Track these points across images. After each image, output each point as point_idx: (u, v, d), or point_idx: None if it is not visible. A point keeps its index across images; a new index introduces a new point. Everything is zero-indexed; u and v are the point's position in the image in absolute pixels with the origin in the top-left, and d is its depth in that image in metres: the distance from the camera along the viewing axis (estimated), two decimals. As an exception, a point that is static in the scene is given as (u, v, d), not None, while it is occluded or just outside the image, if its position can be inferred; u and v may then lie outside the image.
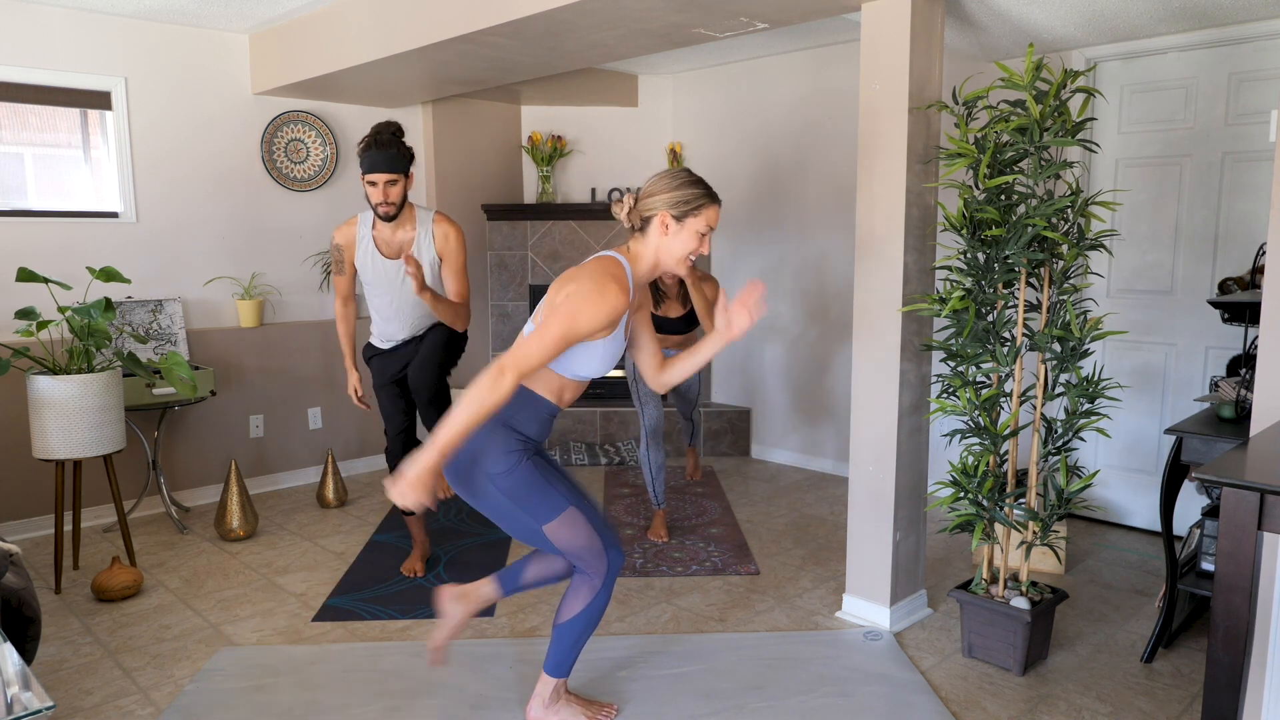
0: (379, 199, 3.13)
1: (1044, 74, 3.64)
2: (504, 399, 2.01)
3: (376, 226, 3.27)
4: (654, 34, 3.47)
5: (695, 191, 2.16)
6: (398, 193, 3.15)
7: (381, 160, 3.09)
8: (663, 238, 2.18)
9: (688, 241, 2.18)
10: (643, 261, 2.22)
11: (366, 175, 3.12)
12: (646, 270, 2.23)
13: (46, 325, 3.34)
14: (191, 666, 2.81)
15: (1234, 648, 1.64)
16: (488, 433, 2.17)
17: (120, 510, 3.58)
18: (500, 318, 5.69)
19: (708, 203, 2.17)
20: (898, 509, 3.01)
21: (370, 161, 3.10)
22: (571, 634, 2.32)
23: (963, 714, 2.51)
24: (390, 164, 3.10)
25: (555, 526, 2.20)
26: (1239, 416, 2.60)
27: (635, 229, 2.21)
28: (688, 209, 2.15)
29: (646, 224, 2.19)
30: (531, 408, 2.21)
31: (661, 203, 2.16)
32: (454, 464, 2.20)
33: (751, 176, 5.30)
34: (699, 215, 2.16)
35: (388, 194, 3.13)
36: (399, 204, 3.17)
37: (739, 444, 5.50)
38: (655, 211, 2.16)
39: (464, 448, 2.17)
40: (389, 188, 3.13)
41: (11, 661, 1.47)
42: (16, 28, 3.97)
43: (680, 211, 2.15)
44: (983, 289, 2.71)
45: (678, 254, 2.19)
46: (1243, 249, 3.62)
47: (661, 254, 2.20)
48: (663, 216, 2.16)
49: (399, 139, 3.16)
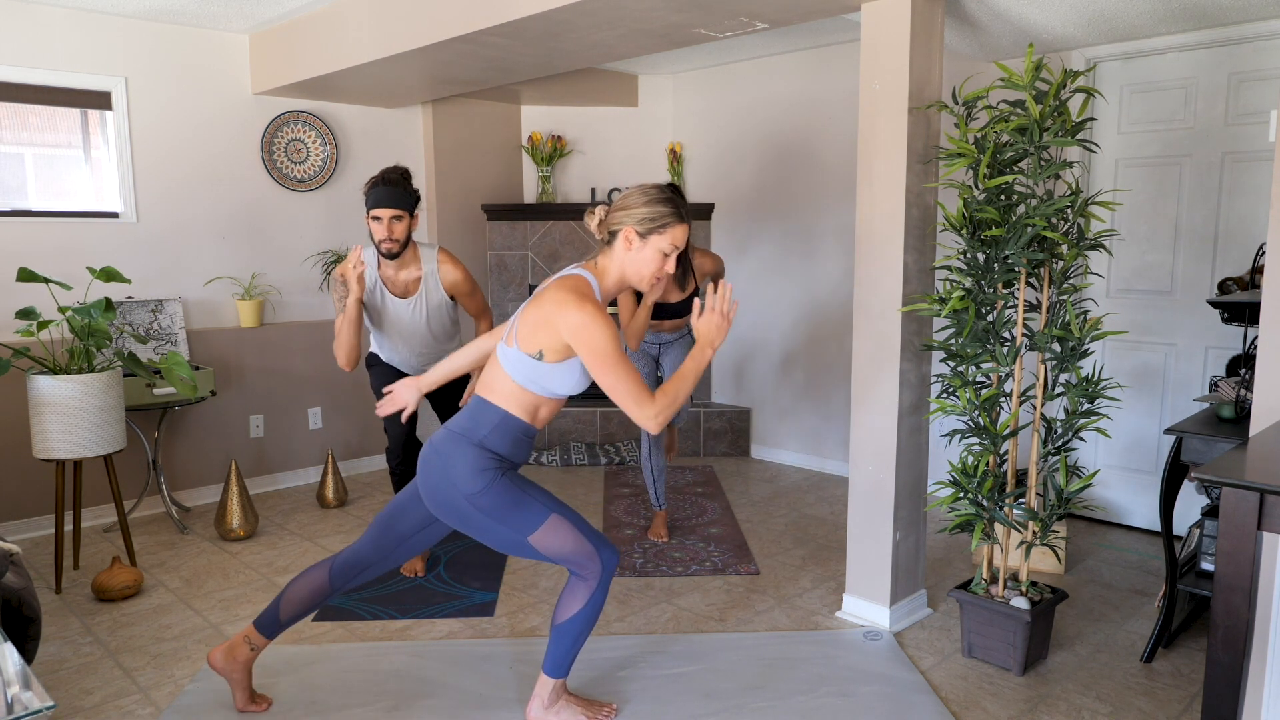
0: (383, 235, 3.13)
1: (1044, 74, 3.64)
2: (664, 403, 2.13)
3: (382, 265, 3.27)
4: (654, 34, 3.47)
5: (663, 210, 2.16)
6: (402, 229, 3.15)
7: (387, 196, 3.11)
8: (627, 253, 2.19)
9: (651, 259, 2.18)
10: (608, 277, 2.23)
11: (372, 210, 3.13)
12: (613, 285, 2.24)
13: (47, 325, 3.35)
14: (191, 666, 2.81)
15: (1234, 648, 1.64)
16: (460, 453, 2.18)
17: (120, 510, 3.58)
18: (500, 318, 5.69)
19: (674, 222, 2.17)
20: (898, 509, 3.01)
21: (376, 197, 3.12)
22: (570, 634, 2.32)
23: (963, 714, 2.51)
24: (396, 200, 3.12)
25: (540, 535, 2.21)
26: (1239, 416, 2.60)
27: (604, 241, 2.23)
28: (653, 226, 2.16)
29: (613, 238, 2.20)
30: (505, 427, 2.21)
31: (629, 217, 2.17)
32: (434, 491, 2.22)
33: (751, 176, 5.30)
34: (663, 234, 2.17)
35: (392, 230, 3.13)
36: (403, 241, 3.17)
37: (739, 444, 5.50)
38: (622, 225, 2.17)
39: (439, 473, 2.20)
40: (394, 223, 3.13)
41: (11, 661, 1.47)
42: (16, 28, 3.97)
43: (645, 228, 2.16)
44: (983, 289, 2.71)
45: (643, 272, 2.20)
46: (1243, 249, 3.63)
47: (626, 269, 2.21)
48: (627, 232, 2.17)
49: (407, 179, 3.19)
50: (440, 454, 2.21)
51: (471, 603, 3.28)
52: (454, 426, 2.23)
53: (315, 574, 2.42)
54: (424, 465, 2.24)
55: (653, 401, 2.12)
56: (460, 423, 2.23)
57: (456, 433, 2.21)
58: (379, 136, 5.21)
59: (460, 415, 2.26)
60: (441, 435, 2.24)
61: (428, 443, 2.27)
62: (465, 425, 2.22)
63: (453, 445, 2.20)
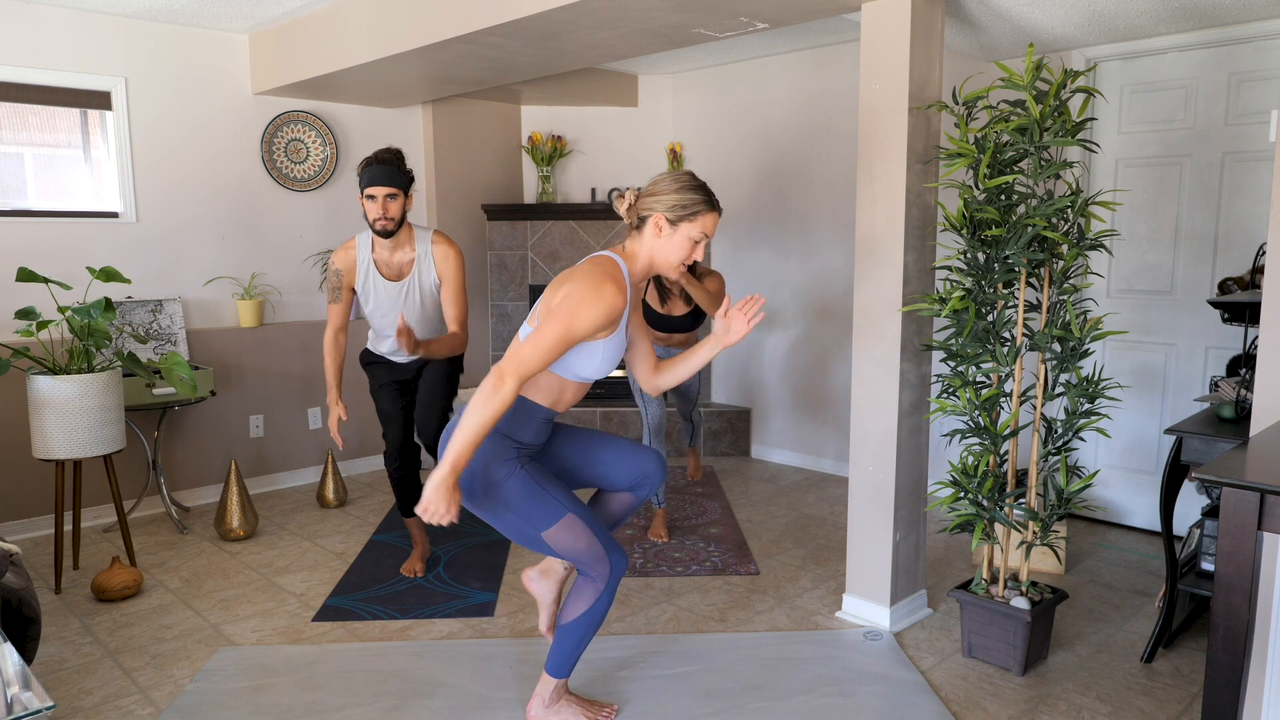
0: (377, 213, 3.11)
1: (1044, 74, 3.64)
2: (506, 405, 1.98)
3: (375, 248, 3.24)
4: (654, 34, 3.47)
5: (695, 197, 2.15)
6: (397, 208, 3.14)
7: (381, 174, 3.09)
8: (656, 239, 2.17)
9: (680, 246, 2.16)
10: (638, 261, 2.21)
11: (366, 190, 3.11)
12: (642, 270, 2.22)
13: (47, 325, 3.34)
14: (191, 666, 2.81)
15: (1234, 648, 1.64)
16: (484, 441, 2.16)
17: (120, 510, 3.58)
18: (500, 318, 5.69)
19: (705, 210, 2.15)
20: (898, 509, 3.01)
21: (370, 176, 3.10)
22: (574, 635, 2.32)
23: (963, 714, 2.51)
24: (390, 178, 3.10)
25: (554, 532, 2.20)
26: (1239, 416, 2.60)
27: (633, 226, 2.21)
28: (684, 213, 2.14)
29: (643, 223, 2.18)
30: (525, 413, 2.20)
31: (660, 204, 2.14)
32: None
33: (751, 176, 5.30)
34: (694, 221, 2.15)
35: (387, 208, 3.11)
36: (398, 220, 3.15)
37: (739, 444, 5.50)
38: (652, 211, 2.15)
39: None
40: (388, 202, 3.11)
41: (11, 661, 1.47)
42: (16, 28, 3.97)
43: (676, 215, 2.14)
44: (983, 289, 2.71)
45: (671, 260, 2.18)
46: (1243, 249, 3.62)
47: (655, 256, 2.19)
48: (658, 218, 2.15)
49: (400, 159, 3.17)
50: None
51: (471, 603, 3.28)
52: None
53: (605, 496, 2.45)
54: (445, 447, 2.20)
55: (510, 384, 1.97)
56: None
57: None
58: (379, 136, 5.21)
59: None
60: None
61: (449, 427, 2.26)
62: None
63: None
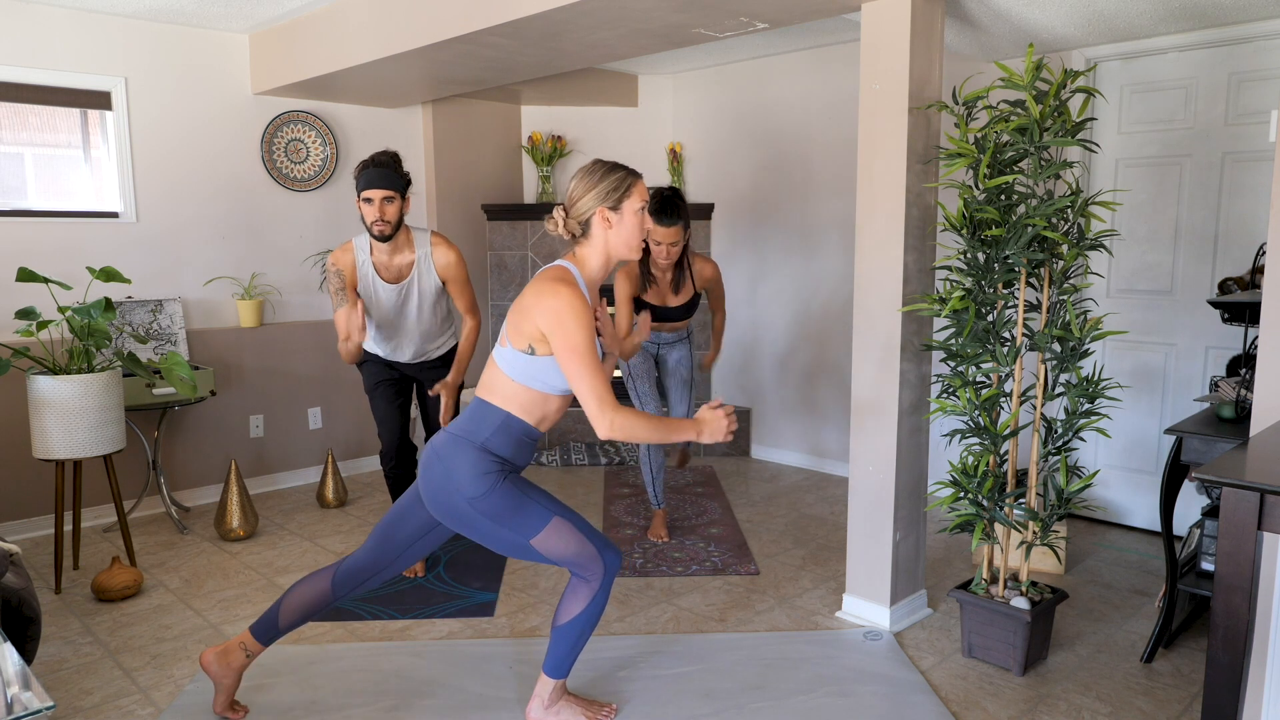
0: (374, 216, 3.10)
1: (1044, 74, 3.64)
2: (633, 412, 2.09)
3: (374, 251, 3.23)
4: (654, 34, 3.47)
5: (617, 175, 2.19)
6: (394, 211, 3.12)
7: (378, 177, 3.08)
8: (609, 232, 2.20)
9: (633, 224, 2.21)
10: (590, 264, 2.24)
11: (363, 193, 3.10)
12: (597, 270, 2.25)
13: (46, 325, 3.35)
14: (191, 666, 2.81)
15: (1234, 648, 1.64)
16: (462, 456, 2.18)
17: (120, 510, 3.58)
18: (499, 318, 5.68)
19: (634, 179, 2.21)
20: (898, 509, 3.01)
21: (367, 179, 3.09)
22: (571, 635, 2.32)
23: (963, 714, 2.51)
24: (387, 181, 3.09)
25: (543, 538, 2.21)
26: (1239, 416, 2.60)
27: (577, 236, 2.23)
28: (619, 194, 2.18)
29: (587, 227, 2.21)
30: (507, 429, 2.21)
31: (593, 200, 2.18)
32: (436, 494, 2.21)
33: (751, 176, 5.30)
34: (631, 195, 2.20)
35: (383, 211, 3.10)
36: (395, 223, 3.13)
37: (739, 444, 5.50)
38: (591, 211, 2.18)
39: (441, 476, 2.19)
40: (385, 205, 3.10)
41: (11, 661, 1.47)
42: (16, 28, 3.97)
43: (614, 200, 2.18)
44: (983, 289, 2.71)
45: (632, 240, 2.22)
46: (1243, 249, 3.62)
47: (614, 247, 2.22)
48: (600, 213, 2.18)
49: (397, 161, 3.16)
50: (442, 457, 2.20)
51: (471, 603, 3.28)
52: (455, 429, 2.23)
53: (316, 582, 2.41)
54: (425, 469, 2.24)
55: (617, 411, 2.09)
56: (462, 425, 2.23)
57: (458, 435, 2.21)
58: (379, 136, 5.21)
59: (462, 418, 2.25)
60: (443, 438, 2.23)
61: (428, 446, 2.27)
62: (467, 428, 2.22)
63: (454, 448, 2.20)
